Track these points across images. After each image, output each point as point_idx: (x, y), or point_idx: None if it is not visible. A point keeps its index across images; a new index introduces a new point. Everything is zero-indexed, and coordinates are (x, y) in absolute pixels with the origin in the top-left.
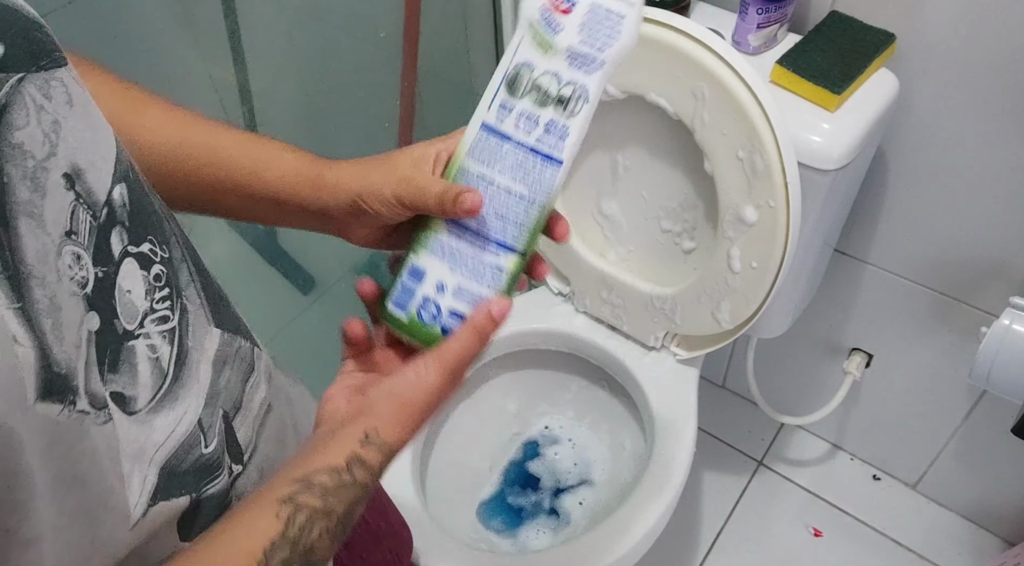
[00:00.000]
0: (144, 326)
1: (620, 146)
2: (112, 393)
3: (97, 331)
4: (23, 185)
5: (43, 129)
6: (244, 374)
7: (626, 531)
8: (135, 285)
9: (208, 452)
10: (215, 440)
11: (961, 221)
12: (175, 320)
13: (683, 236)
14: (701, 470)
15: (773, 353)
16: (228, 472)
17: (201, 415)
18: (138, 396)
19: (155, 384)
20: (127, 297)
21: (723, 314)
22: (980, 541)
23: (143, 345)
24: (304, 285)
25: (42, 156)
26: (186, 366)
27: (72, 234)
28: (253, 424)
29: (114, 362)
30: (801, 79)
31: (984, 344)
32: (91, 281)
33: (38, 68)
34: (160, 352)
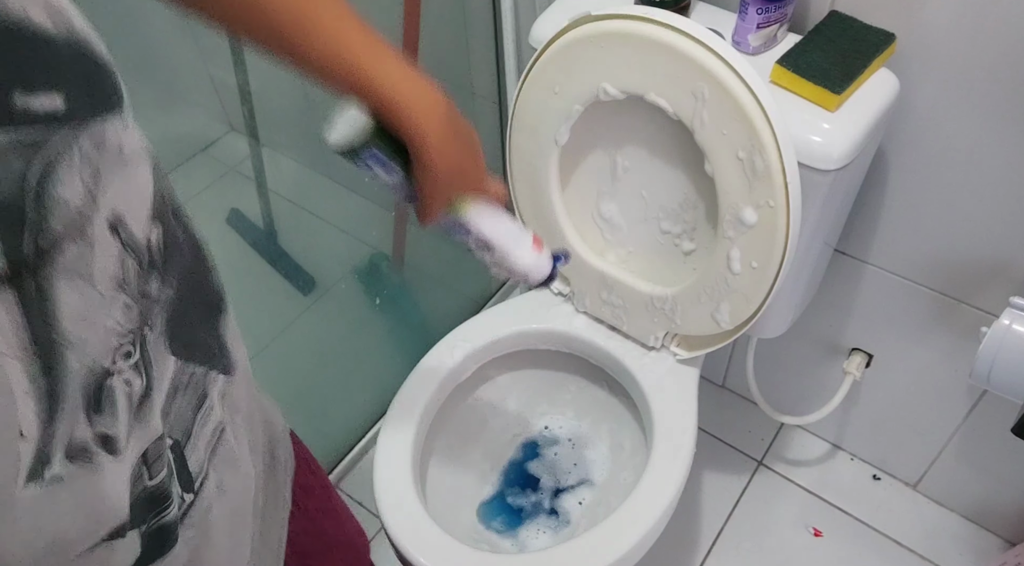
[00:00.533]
0: (116, 362)
1: (620, 147)
2: (98, 435)
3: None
4: (69, 241)
5: (85, 182)
6: (196, 401)
7: (626, 531)
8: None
9: (152, 484)
10: (162, 471)
11: (961, 221)
12: (136, 354)
13: (683, 237)
14: (701, 470)
15: (773, 353)
16: (179, 502)
17: (150, 446)
18: (119, 435)
19: (127, 419)
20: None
21: (723, 314)
22: (980, 541)
23: (120, 381)
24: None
25: (86, 208)
26: (148, 399)
27: (122, 284)
28: (205, 451)
29: (98, 404)
30: (801, 79)
31: (984, 344)
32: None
33: (95, 116)
34: (133, 386)
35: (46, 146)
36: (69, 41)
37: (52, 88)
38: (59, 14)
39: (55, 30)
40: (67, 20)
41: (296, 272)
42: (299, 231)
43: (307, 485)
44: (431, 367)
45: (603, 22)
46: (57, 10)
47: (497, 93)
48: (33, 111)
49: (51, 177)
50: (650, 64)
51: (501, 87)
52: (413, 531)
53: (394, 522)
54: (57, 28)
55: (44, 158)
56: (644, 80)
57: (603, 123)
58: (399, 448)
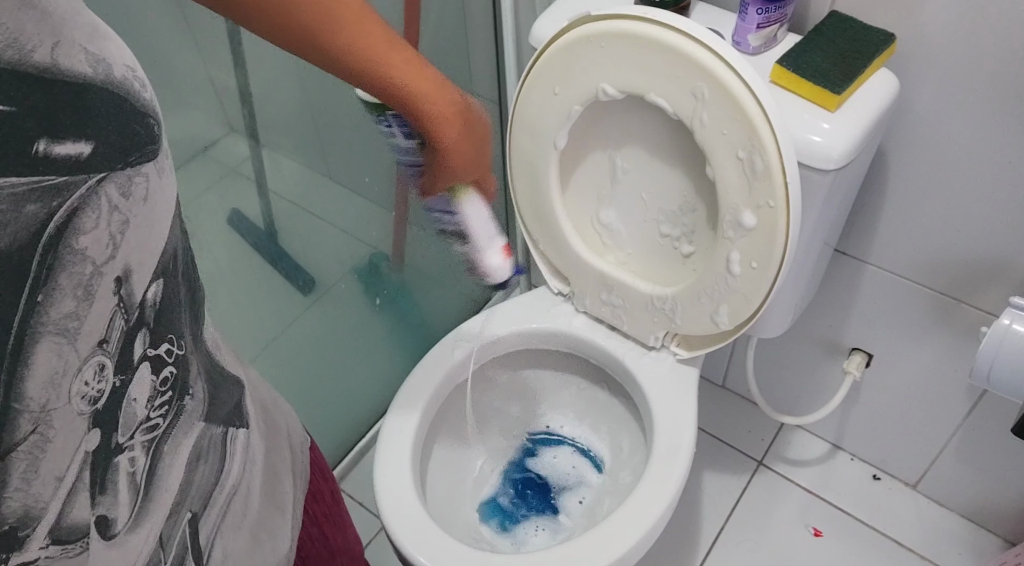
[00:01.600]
0: (133, 437)
1: (619, 149)
2: (97, 518)
3: (95, 450)
4: (71, 296)
5: (111, 231)
6: (218, 464)
7: (626, 531)
8: (141, 393)
9: None
10: (173, 551)
11: (961, 221)
12: (162, 428)
13: (682, 240)
14: (701, 470)
15: (773, 353)
16: None
17: (163, 528)
18: (118, 517)
19: (131, 501)
20: (132, 407)
21: (723, 315)
22: (980, 541)
23: (125, 459)
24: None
25: (102, 260)
26: (156, 477)
27: (104, 343)
28: (217, 518)
29: (103, 483)
30: (801, 79)
31: (984, 344)
32: (106, 394)
33: (125, 165)
34: (137, 465)
35: (68, 192)
36: (107, 89)
37: (81, 136)
38: (100, 62)
39: (94, 78)
40: (107, 69)
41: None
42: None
43: (317, 491)
44: (431, 367)
45: (603, 22)
46: (99, 58)
47: (497, 93)
48: (54, 157)
49: (74, 226)
50: (650, 64)
51: (501, 87)
52: (413, 531)
53: (394, 522)
54: (96, 76)
55: (68, 204)
56: (644, 80)
57: (603, 124)
58: (399, 448)
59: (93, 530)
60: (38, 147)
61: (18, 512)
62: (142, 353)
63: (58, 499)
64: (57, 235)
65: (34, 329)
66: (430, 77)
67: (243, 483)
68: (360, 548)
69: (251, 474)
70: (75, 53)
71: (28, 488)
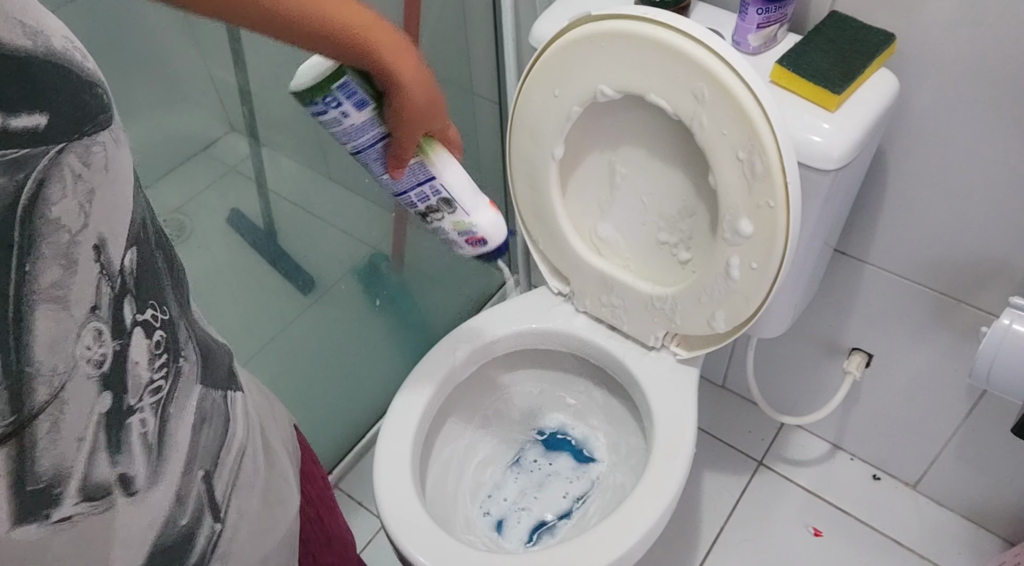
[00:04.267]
0: (142, 399)
1: (619, 153)
2: (118, 476)
3: (108, 412)
4: (55, 264)
5: (79, 200)
6: (223, 427)
7: (626, 531)
8: (141, 356)
9: (185, 523)
10: (191, 508)
11: (961, 221)
12: (166, 389)
13: (679, 247)
14: (701, 470)
15: (773, 353)
16: (208, 536)
17: (179, 485)
18: (137, 475)
19: (147, 460)
20: (136, 369)
21: (722, 315)
22: (980, 541)
23: (137, 421)
24: (304, 286)
25: (76, 228)
26: (166, 436)
27: (96, 309)
28: (229, 477)
29: (118, 443)
30: (801, 79)
31: (984, 344)
32: (109, 358)
33: (81, 135)
34: (148, 426)
35: (31, 163)
36: (51, 61)
37: (35, 108)
38: (39, 35)
39: (35, 50)
40: (47, 40)
41: (296, 272)
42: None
43: (310, 472)
44: (431, 367)
45: (603, 22)
46: (36, 31)
47: (497, 93)
48: (13, 130)
49: (43, 195)
50: (650, 64)
51: (501, 87)
52: (413, 531)
53: (394, 522)
54: (37, 48)
55: (34, 176)
56: (644, 80)
57: (603, 126)
58: (399, 448)
59: (116, 487)
60: None
61: (50, 471)
62: (132, 318)
63: (81, 458)
64: (30, 206)
65: (29, 297)
66: (368, 11)
67: (249, 445)
68: (352, 539)
69: (255, 437)
70: (11, 27)
71: (54, 448)
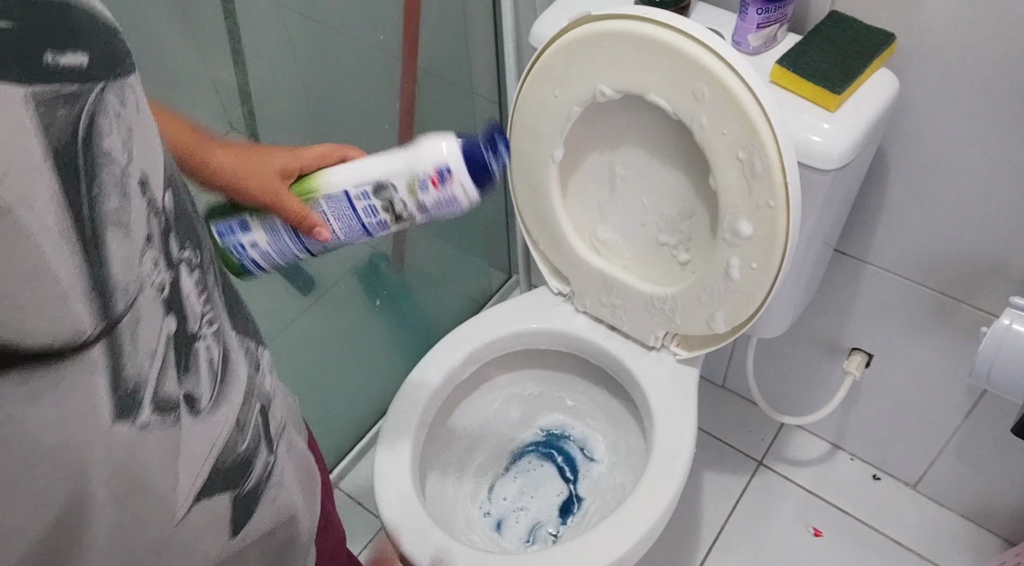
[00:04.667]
0: (202, 328)
1: (619, 152)
2: (185, 395)
3: (174, 334)
4: (114, 192)
5: (122, 137)
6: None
7: (626, 531)
8: (190, 290)
9: (243, 449)
10: (249, 435)
11: (961, 221)
12: (217, 323)
13: (679, 248)
14: (701, 470)
15: (773, 353)
16: (264, 464)
17: (239, 413)
18: (202, 396)
19: (211, 384)
20: (189, 300)
21: (723, 315)
22: (980, 541)
23: (202, 347)
24: (304, 286)
25: (124, 163)
26: (229, 365)
27: (150, 239)
28: (280, 418)
29: (186, 364)
30: (801, 79)
31: (984, 344)
32: (167, 285)
33: (115, 76)
34: (212, 354)
35: (83, 98)
36: (80, 6)
37: (76, 48)
38: None
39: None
40: None
41: (296, 272)
42: None
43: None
44: (431, 367)
45: (603, 22)
46: None
47: (497, 93)
48: (63, 67)
49: (96, 128)
50: (650, 64)
51: (501, 87)
52: (413, 531)
53: (394, 522)
54: None
55: (87, 110)
56: (644, 80)
57: (602, 127)
58: (399, 448)
59: (183, 405)
60: (47, 58)
61: (133, 378)
62: (177, 254)
63: (154, 373)
64: (88, 138)
65: (101, 219)
66: None
67: (279, 394)
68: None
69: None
70: None
71: (135, 357)
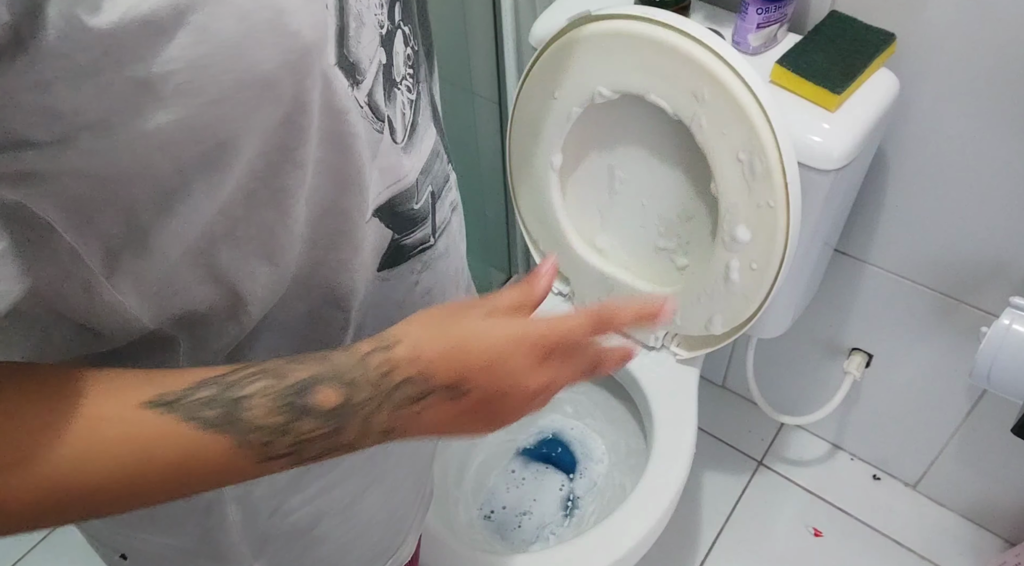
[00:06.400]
0: (401, 83)
1: (619, 154)
2: (388, 117)
3: (384, 67)
4: None
5: None
6: (444, 176)
7: (626, 531)
8: (400, 51)
9: (416, 208)
10: (422, 202)
11: (961, 221)
12: (414, 95)
13: (677, 253)
14: (701, 470)
15: (773, 353)
16: (422, 238)
17: (417, 177)
18: (398, 130)
19: (403, 129)
20: (397, 58)
21: (722, 315)
22: (980, 541)
23: (402, 96)
24: None
25: None
26: (416, 133)
27: None
28: (445, 216)
29: (391, 97)
30: (801, 79)
31: (984, 344)
32: (385, 27)
33: None
34: (407, 108)
35: None
36: None
37: None
38: None
39: None
40: None
41: None
42: None
43: None
44: None
45: (603, 22)
46: None
47: (497, 93)
48: None
49: None
50: (650, 64)
51: (501, 87)
52: None
53: None
54: None
55: None
56: (644, 80)
57: (602, 130)
58: None
59: (387, 126)
60: None
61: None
62: (398, 20)
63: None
64: None
65: None
66: None
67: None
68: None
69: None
70: None
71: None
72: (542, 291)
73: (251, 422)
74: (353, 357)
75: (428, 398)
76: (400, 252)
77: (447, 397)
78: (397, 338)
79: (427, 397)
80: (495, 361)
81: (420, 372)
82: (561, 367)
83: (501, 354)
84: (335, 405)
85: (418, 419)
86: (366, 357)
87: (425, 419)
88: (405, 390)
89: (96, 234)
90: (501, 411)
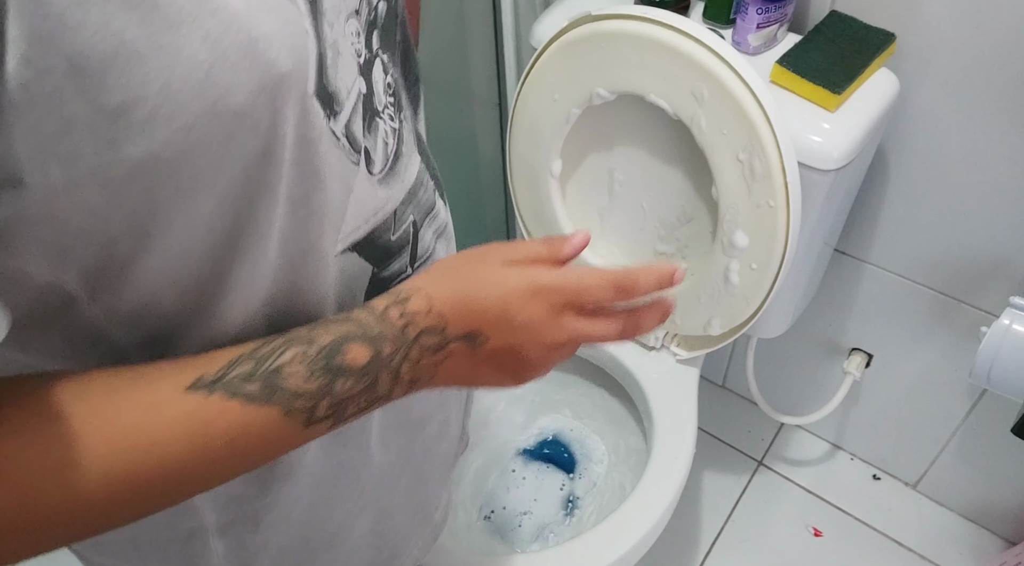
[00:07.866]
0: (383, 112)
1: (618, 156)
2: (365, 148)
3: (364, 96)
4: None
5: None
6: (431, 201)
7: (626, 531)
8: (379, 79)
9: (392, 240)
10: (399, 234)
11: (961, 221)
12: (396, 124)
13: (676, 257)
14: (701, 470)
15: (773, 353)
16: (399, 268)
17: (397, 206)
18: (376, 162)
19: (383, 159)
20: (377, 86)
21: (722, 316)
22: (980, 541)
23: (383, 126)
24: None
25: None
26: (399, 161)
27: (356, 12)
28: (428, 245)
29: (372, 126)
30: (801, 79)
31: (984, 344)
32: (363, 58)
33: None
34: (389, 138)
35: None
36: None
37: None
38: None
39: None
40: None
41: None
42: None
43: None
44: None
45: (603, 22)
46: None
47: (497, 94)
48: None
49: None
50: (650, 64)
51: (501, 88)
52: None
53: None
54: None
55: None
56: (644, 80)
57: (602, 131)
58: None
59: (363, 155)
60: None
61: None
62: (377, 48)
63: (349, 103)
64: None
65: None
66: None
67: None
68: None
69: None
70: None
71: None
72: (568, 252)
73: (292, 390)
74: (373, 313)
75: (447, 347)
76: (382, 285)
77: (465, 346)
78: (410, 292)
79: (446, 346)
80: (508, 311)
81: (434, 324)
82: (585, 323)
83: (514, 305)
84: (367, 361)
85: (440, 369)
86: (385, 311)
87: (447, 369)
88: (424, 341)
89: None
90: (523, 362)
